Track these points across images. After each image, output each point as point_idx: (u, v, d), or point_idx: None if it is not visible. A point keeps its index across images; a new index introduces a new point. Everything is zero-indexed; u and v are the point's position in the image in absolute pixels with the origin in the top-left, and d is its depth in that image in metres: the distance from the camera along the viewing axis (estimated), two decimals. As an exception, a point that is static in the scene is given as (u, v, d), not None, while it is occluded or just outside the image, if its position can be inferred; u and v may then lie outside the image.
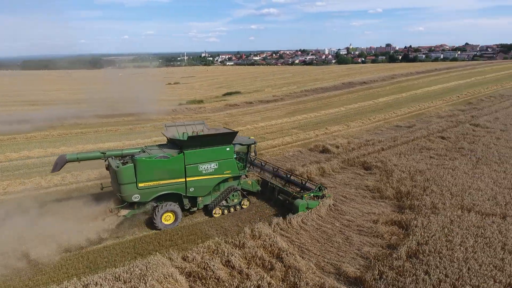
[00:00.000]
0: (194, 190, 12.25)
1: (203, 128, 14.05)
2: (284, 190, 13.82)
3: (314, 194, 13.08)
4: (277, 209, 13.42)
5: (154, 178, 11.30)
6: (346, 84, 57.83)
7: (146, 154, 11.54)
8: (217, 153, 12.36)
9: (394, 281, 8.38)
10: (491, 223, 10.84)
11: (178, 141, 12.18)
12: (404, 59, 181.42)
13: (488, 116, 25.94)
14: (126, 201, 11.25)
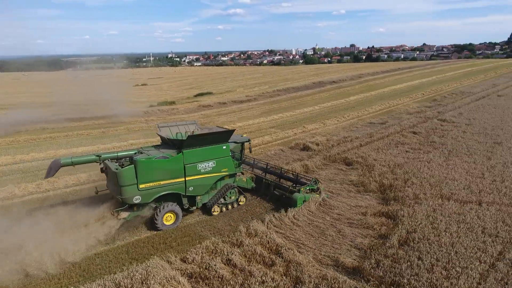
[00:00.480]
0: (194, 189, 12.34)
1: (195, 127, 14.09)
2: (280, 185, 14.22)
3: (310, 187, 13.55)
4: (268, 206, 13.66)
5: (154, 179, 11.29)
6: (316, 84, 59.31)
7: (144, 155, 11.41)
8: (214, 151, 12.54)
9: (391, 268, 8.86)
10: (469, 210, 11.74)
11: (177, 141, 12.20)
12: (367, 59, 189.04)
13: (453, 112, 27.85)
14: (127, 203, 11.09)
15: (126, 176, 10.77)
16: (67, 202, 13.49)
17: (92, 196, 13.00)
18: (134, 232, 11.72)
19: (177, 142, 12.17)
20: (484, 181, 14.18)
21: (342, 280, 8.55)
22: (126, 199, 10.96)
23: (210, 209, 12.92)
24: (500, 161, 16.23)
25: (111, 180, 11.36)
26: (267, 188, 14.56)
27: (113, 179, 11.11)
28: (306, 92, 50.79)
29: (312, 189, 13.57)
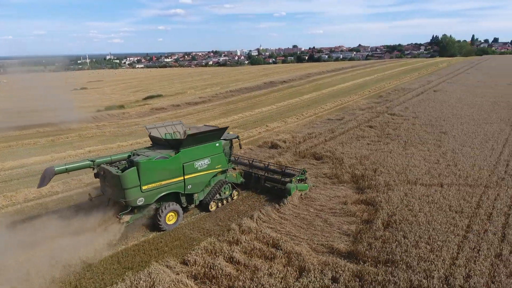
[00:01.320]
0: (192, 187, 12.60)
1: (182, 127, 14.38)
2: (271, 178, 14.92)
3: (300, 177, 14.43)
4: (251, 203, 13.96)
5: (156, 180, 11.41)
6: (268, 84, 60.78)
7: (142, 157, 11.48)
8: (209, 149, 12.93)
9: (383, 248, 9.76)
10: (434, 192, 13.28)
11: (173, 141, 12.55)
12: (310, 59, 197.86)
13: (400, 106, 30.71)
14: (131, 205, 11.09)
15: (129, 178, 10.75)
16: (41, 214, 12.44)
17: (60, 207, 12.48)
18: (120, 241, 11.22)
19: (173, 142, 12.46)
20: (440, 166, 16.06)
21: (343, 263, 9.22)
22: (130, 201, 10.97)
23: (207, 206, 13.18)
24: (449, 148, 18.45)
25: (111, 184, 11.16)
26: (257, 181, 15.15)
27: (114, 183, 10.93)
28: (260, 92, 51.80)
29: (301, 179, 14.45)
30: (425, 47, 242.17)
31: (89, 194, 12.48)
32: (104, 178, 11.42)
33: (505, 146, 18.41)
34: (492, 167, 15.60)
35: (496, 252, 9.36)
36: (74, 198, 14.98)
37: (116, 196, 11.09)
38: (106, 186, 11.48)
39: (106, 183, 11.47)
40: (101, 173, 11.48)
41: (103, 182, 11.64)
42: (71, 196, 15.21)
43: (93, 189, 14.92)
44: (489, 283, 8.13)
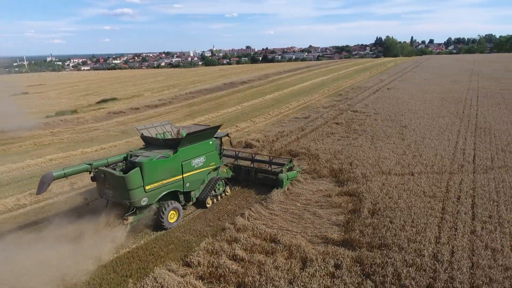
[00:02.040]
0: (190, 185, 13.00)
1: (171, 127, 14.79)
2: (262, 170, 15.66)
3: (289, 166, 15.37)
4: (238, 202, 14.10)
5: (158, 179, 11.67)
6: (227, 85, 60.91)
7: (143, 157, 11.68)
8: (204, 147, 13.46)
9: (374, 234, 10.54)
10: (407, 180, 14.52)
11: (173, 140, 13.04)
12: (264, 60, 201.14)
13: (360, 104, 32.67)
14: (135, 206, 11.29)
15: (134, 179, 10.91)
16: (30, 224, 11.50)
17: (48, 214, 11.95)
18: (109, 250, 10.80)
19: (171, 141, 12.93)
20: (407, 157, 17.51)
21: (342, 251, 9.83)
22: (135, 202, 11.13)
23: (204, 202, 13.56)
24: (412, 141, 20.15)
25: (113, 186, 11.20)
26: (247, 174, 15.68)
27: (117, 185, 11.01)
28: (221, 93, 51.80)
29: (290, 167, 15.36)
30: (370, 47, 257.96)
31: (86, 198, 12.38)
32: (103, 180, 11.31)
33: (459, 137, 20.55)
34: (452, 155, 17.38)
35: (471, 229, 10.58)
36: (45, 209, 14.09)
37: (120, 197, 11.20)
38: (106, 189, 11.45)
39: (106, 185, 11.37)
40: (100, 176, 11.33)
41: (102, 185, 11.53)
42: (42, 207, 14.26)
43: (68, 197, 14.23)
44: (471, 256, 9.21)
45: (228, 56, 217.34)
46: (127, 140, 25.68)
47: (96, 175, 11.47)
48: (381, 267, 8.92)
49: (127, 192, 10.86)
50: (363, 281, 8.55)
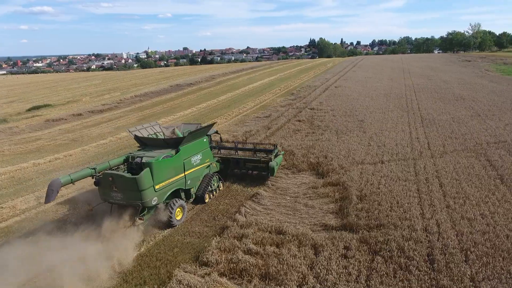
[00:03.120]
0: (190, 182, 13.49)
1: (160, 128, 15.27)
2: (250, 159, 16.28)
3: (276, 153, 16.25)
4: (226, 202, 14.33)
5: (165, 178, 12.02)
6: (174, 87, 59.70)
7: (148, 158, 11.97)
8: (200, 145, 14.09)
9: (368, 216, 11.68)
10: (380, 168, 16.15)
11: (172, 140, 13.48)
12: (203, 62, 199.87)
13: (315, 102, 34.66)
14: (147, 206, 11.56)
15: (145, 179, 11.13)
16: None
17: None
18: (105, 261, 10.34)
19: (173, 140, 13.39)
20: (373, 147, 19.33)
21: (345, 234, 10.76)
22: (146, 202, 11.38)
23: (203, 198, 14.02)
24: (372, 133, 22.20)
25: (123, 188, 11.30)
26: (236, 165, 16.40)
27: (128, 186, 11.17)
28: (170, 95, 50.68)
29: (276, 154, 16.29)
30: (305, 49, 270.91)
31: (89, 204, 12.29)
32: (111, 184, 11.35)
33: (411, 128, 23.18)
34: (410, 144, 19.62)
35: (446, 204, 12.31)
36: (40, 218, 13.53)
37: (131, 199, 11.37)
38: (114, 192, 11.48)
39: (114, 188, 11.39)
40: (108, 180, 11.31)
41: (108, 189, 11.52)
42: (31, 218, 13.25)
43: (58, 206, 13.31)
44: (453, 226, 10.79)
45: (165, 57, 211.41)
46: (82, 148, 24.09)
47: (101, 179, 11.43)
48: (385, 244, 10.02)
49: (139, 193, 11.10)
50: (373, 258, 9.55)
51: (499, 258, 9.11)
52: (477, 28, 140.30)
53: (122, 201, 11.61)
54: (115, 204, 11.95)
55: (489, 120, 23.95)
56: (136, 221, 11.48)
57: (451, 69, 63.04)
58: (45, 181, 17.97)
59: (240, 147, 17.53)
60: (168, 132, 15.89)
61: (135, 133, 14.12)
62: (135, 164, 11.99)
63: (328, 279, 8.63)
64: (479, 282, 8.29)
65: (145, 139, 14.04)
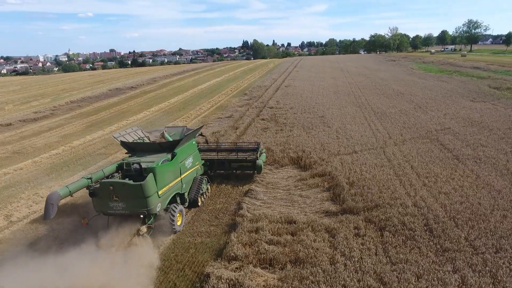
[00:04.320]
0: (185, 186, 13.38)
1: (143, 132, 15.00)
2: (235, 159, 16.64)
3: (260, 151, 16.79)
4: (217, 208, 14.62)
5: (166, 183, 11.83)
6: (114, 91, 56.86)
7: (147, 163, 11.63)
8: (191, 147, 14.09)
9: (364, 199, 13.06)
10: (356, 157, 17.86)
11: (169, 143, 13.30)
12: (134, 64, 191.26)
13: (271, 101, 36.07)
14: (152, 213, 11.23)
15: (150, 186, 10.80)
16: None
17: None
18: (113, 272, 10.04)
19: (168, 144, 13.18)
20: (341, 140, 21.15)
21: (350, 217, 11.95)
22: (152, 209, 11.04)
23: (196, 202, 13.86)
24: (337, 127, 24.15)
25: (125, 197, 10.78)
26: (221, 165, 16.64)
27: (131, 194, 10.71)
28: (112, 100, 48.17)
29: (260, 151, 16.92)
30: (239, 50, 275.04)
31: (84, 218, 11.54)
32: (110, 193, 10.73)
33: (368, 121, 25.72)
34: (373, 135, 21.90)
35: (422, 183, 14.32)
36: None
37: (134, 208, 10.94)
38: (114, 202, 10.89)
39: (114, 198, 10.81)
40: (107, 189, 10.72)
41: (105, 200, 10.89)
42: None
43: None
44: (436, 200, 12.69)
45: (90, 60, 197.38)
46: (33, 161, 22.13)
47: (97, 189, 10.85)
48: (387, 221, 11.43)
49: (144, 200, 10.71)
50: (382, 233, 10.88)
51: (480, 221, 11.09)
52: (395, 31, 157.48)
53: (123, 211, 11.06)
54: (114, 215, 11.36)
55: (429, 111, 27.69)
56: (140, 230, 11.00)
57: (382, 68, 70.16)
58: (6, 196, 16.37)
59: (222, 148, 17.89)
60: (152, 137, 15.65)
61: (121, 139, 13.63)
62: (134, 171, 11.57)
63: (354, 255, 9.68)
64: (472, 241, 10.07)
65: (135, 144, 13.67)
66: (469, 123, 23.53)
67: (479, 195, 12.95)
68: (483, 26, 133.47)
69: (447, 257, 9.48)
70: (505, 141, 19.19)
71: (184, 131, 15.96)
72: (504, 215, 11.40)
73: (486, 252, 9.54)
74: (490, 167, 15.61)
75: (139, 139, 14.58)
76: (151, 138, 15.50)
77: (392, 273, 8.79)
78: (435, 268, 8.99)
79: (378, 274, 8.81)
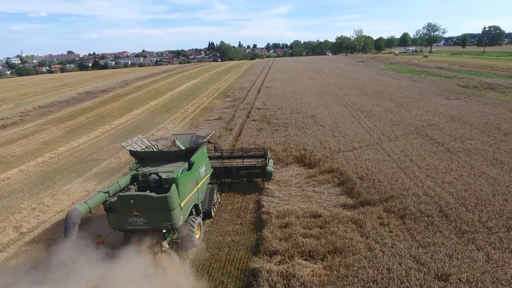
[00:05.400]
0: (200, 196, 12.85)
1: (149, 140, 14.79)
2: (244, 166, 16.34)
3: (268, 157, 16.55)
4: (237, 204, 14.97)
5: (187, 194, 11.32)
6: (85, 95, 55.16)
7: (166, 174, 11.22)
8: (203, 155, 13.59)
9: (378, 191, 14.05)
10: (358, 154, 18.94)
11: (185, 150, 12.84)
12: (95, 66, 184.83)
13: (257, 102, 36.74)
14: (175, 227, 10.66)
15: (174, 197, 10.26)
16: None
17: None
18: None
19: (184, 152, 12.74)
20: (338, 138, 22.25)
21: (371, 209, 12.87)
22: (175, 223, 10.48)
23: (210, 212, 13.38)
24: (329, 126, 25.29)
25: (148, 211, 10.17)
26: (228, 173, 16.35)
27: (155, 208, 10.11)
28: (86, 104, 46.66)
29: (268, 157, 16.72)
30: (205, 52, 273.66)
31: (99, 236, 10.41)
32: (129, 207, 10.11)
33: (358, 120, 27.13)
34: (366, 132, 23.23)
35: (425, 175, 15.59)
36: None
37: (158, 222, 10.28)
38: (134, 217, 10.25)
39: (134, 213, 10.18)
40: (128, 203, 10.06)
41: (124, 215, 10.23)
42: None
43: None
44: (442, 188, 13.97)
45: (47, 63, 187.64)
46: (20, 169, 21.31)
47: (115, 204, 10.16)
48: (406, 210, 12.48)
49: (168, 213, 10.15)
50: (404, 221, 11.89)
51: (486, 205, 12.45)
52: (360, 33, 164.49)
53: (144, 226, 10.38)
54: (134, 231, 10.64)
55: (412, 109, 29.70)
56: (163, 246, 10.38)
57: (354, 68, 73.27)
58: (4, 207, 15.74)
59: (227, 155, 17.44)
60: (160, 145, 15.38)
61: (129, 148, 13.12)
62: (153, 182, 10.99)
63: (386, 242, 10.57)
64: (485, 223, 11.34)
65: (148, 153, 13.26)
66: (450, 119, 25.61)
67: (479, 182, 14.43)
68: (441, 29, 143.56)
69: (467, 238, 10.64)
70: (487, 134, 21.22)
71: (194, 138, 15.62)
72: (505, 199, 12.85)
73: (500, 232, 10.81)
74: (480, 158, 17.29)
75: (146, 147, 14.08)
76: (159, 147, 15.09)
77: (426, 255, 9.76)
78: (461, 248, 10.09)
79: (414, 257, 9.74)
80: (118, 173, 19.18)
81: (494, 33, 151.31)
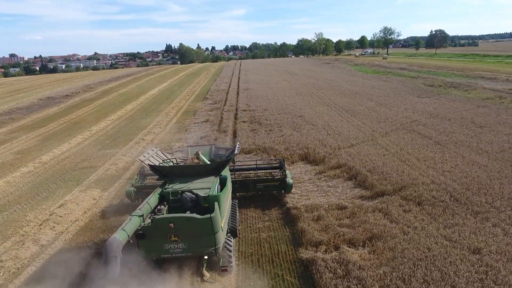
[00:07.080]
0: (227, 213, 11.51)
1: (163, 153, 14.02)
2: (260, 179, 15.83)
3: (284, 168, 16.17)
4: (262, 204, 15.79)
5: (223, 213, 10.28)
6: (46, 100, 52.83)
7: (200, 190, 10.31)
8: (227, 169, 12.65)
9: (390, 182, 15.46)
10: (358, 149, 20.41)
11: (215, 165, 11.84)
12: (43, 70, 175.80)
13: (240, 104, 37.44)
14: (218, 252, 9.74)
15: (219, 218, 9.42)
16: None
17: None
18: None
19: (212, 167, 11.75)
20: (333, 136, 23.66)
21: (389, 198, 14.18)
22: (219, 248, 9.59)
23: (235, 231, 12.12)
24: (321, 125, 26.69)
25: (189, 235, 9.28)
26: (245, 187, 15.49)
27: (197, 231, 9.23)
28: (52, 110, 44.55)
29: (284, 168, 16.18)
30: (163, 54, 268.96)
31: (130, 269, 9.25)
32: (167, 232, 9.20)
33: (345, 118, 28.84)
34: (358, 130, 24.90)
35: (426, 166, 17.32)
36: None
37: (200, 247, 9.42)
38: (172, 243, 9.27)
39: (172, 238, 9.24)
40: (167, 227, 9.12)
41: (160, 241, 9.28)
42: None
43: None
44: (445, 177, 15.69)
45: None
46: (5, 181, 20.39)
47: (149, 229, 9.10)
48: (421, 197, 13.97)
49: (212, 237, 9.25)
50: (422, 207, 13.33)
51: (488, 188, 14.29)
52: (320, 36, 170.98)
53: (184, 253, 9.35)
54: (170, 258, 9.63)
55: (391, 107, 32.09)
56: (204, 275, 9.70)
57: (323, 70, 76.36)
58: (5, 221, 15.15)
59: (239, 167, 16.55)
60: (178, 159, 14.35)
61: (148, 162, 12.15)
62: (190, 201, 9.99)
63: (416, 226, 11.89)
64: (492, 204, 13.10)
65: (176, 168, 12.32)
66: (429, 115, 28.13)
67: (474, 170, 16.38)
68: (396, 32, 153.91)
69: (482, 217, 12.27)
70: (466, 128, 23.74)
71: (214, 150, 14.65)
72: (501, 183, 14.81)
73: (506, 210, 12.58)
74: (467, 149, 19.46)
75: (163, 161, 13.11)
76: (177, 160, 13.99)
77: (454, 234, 11.18)
78: (480, 226, 11.66)
79: (444, 236, 11.12)
80: (119, 179, 19.05)
81: (440, 36, 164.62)
